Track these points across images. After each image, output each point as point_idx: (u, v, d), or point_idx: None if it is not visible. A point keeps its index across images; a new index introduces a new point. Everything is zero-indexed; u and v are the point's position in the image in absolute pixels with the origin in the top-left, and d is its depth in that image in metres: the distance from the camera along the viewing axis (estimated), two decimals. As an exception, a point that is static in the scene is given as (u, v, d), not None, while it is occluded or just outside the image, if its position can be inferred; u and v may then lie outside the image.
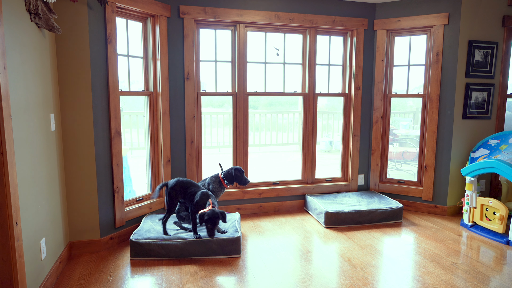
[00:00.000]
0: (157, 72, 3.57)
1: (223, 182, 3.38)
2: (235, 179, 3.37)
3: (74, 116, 2.90)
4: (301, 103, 4.33)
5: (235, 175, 3.35)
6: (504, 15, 3.91)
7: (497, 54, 3.96)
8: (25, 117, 2.15)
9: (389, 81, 4.31)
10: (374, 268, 2.85)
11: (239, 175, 3.36)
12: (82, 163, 2.96)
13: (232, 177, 3.36)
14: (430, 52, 4.03)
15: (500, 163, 3.31)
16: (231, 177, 3.36)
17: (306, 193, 4.27)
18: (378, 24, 4.20)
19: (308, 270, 2.81)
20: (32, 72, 2.29)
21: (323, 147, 7.50)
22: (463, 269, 2.83)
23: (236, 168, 3.39)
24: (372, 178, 4.44)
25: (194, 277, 2.68)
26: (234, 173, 3.35)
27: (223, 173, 3.40)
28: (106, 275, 2.71)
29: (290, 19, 3.93)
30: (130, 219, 3.36)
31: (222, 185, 3.38)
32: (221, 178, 3.38)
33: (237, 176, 3.36)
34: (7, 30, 1.93)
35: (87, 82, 2.90)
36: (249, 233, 3.54)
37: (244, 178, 3.38)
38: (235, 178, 3.36)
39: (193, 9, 3.62)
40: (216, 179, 3.39)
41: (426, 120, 4.11)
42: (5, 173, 1.86)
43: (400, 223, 3.83)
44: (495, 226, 3.44)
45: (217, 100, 7.47)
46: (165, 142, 3.65)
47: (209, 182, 3.39)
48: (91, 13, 2.87)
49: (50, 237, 2.55)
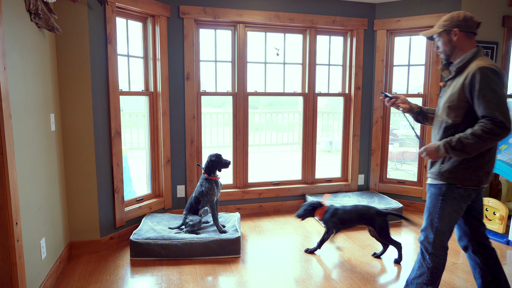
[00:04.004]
0: (157, 72, 3.57)
1: (209, 176, 3.22)
2: (215, 167, 3.21)
3: (74, 116, 2.90)
4: (301, 103, 4.33)
5: (213, 163, 3.19)
6: (504, 15, 3.91)
7: (497, 54, 3.96)
8: (25, 117, 2.15)
9: (389, 81, 4.31)
10: (374, 268, 2.85)
11: (217, 161, 3.19)
12: (82, 163, 2.96)
13: (211, 167, 3.20)
14: (430, 52, 4.03)
15: (500, 163, 3.31)
16: (211, 168, 3.20)
17: (306, 193, 4.27)
18: (378, 24, 4.20)
19: (308, 270, 2.81)
20: (32, 72, 2.29)
21: (323, 147, 7.50)
22: (463, 269, 2.83)
23: (210, 157, 3.21)
24: (372, 178, 4.44)
25: (194, 277, 2.68)
26: (211, 163, 3.19)
27: (203, 169, 3.25)
28: (106, 275, 2.71)
29: (290, 19, 3.93)
30: (130, 219, 3.36)
31: (211, 180, 3.20)
32: (206, 175, 3.22)
33: (215, 163, 3.19)
34: (7, 30, 1.93)
35: (87, 82, 2.90)
36: (249, 233, 3.54)
37: (223, 160, 3.21)
38: (215, 166, 3.20)
39: (193, 9, 3.62)
40: (203, 179, 3.23)
41: (426, 120, 4.11)
42: (5, 173, 1.86)
43: (400, 223, 3.83)
44: (495, 226, 3.44)
45: (217, 100, 7.47)
46: (165, 142, 3.65)
47: (201, 184, 3.24)
48: (91, 13, 2.87)
49: (50, 237, 2.55)
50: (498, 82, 1.82)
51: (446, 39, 2.01)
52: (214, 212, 3.18)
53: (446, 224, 2.00)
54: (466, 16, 1.97)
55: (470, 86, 1.86)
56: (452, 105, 1.94)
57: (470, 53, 1.96)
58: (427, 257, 2.05)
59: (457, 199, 1.96)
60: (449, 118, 1.96)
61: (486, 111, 1.80)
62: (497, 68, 1.85)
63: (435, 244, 2.02)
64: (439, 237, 2.01)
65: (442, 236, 2.01)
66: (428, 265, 2.05)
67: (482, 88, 1.81)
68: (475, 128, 1.82)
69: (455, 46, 2.00)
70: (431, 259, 2.04)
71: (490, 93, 1.80)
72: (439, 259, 2.04)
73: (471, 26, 1.97)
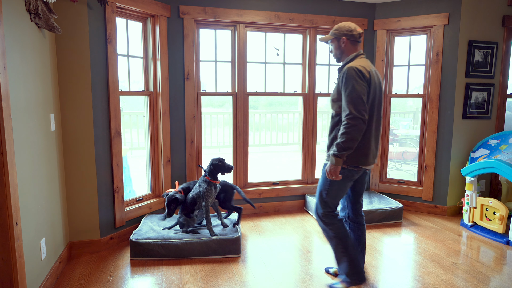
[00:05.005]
0: (157, 72, 3.57)
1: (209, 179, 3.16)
2: (217, 171, 3.16)
3: (74, 116, 2.90)
4: (301, 103, 4.33)
5: (215, 167, 3.14)
6: (504, 15, 3.91)
7: (497, 54, 3.96)
8: (25, 117, 2.15)
9: (389, 81, 4.31)
10: (374, 268, 2.85)
11: (220, 165, 3.14)
12: (82, 163, 2.96)
13: (214, 171, 3.15)
14: (430, 52, 4.03)
15: (500, 163, 3.31)
16: (214, 172, 3.16)
17: (306, 193, 4.27)
18: (378, 24, 4.20)
19: (308, 270, 2.81)
20: (32, 72, 2.29)
21: (323, 147, 7.49)
22: (463, 269, 2.83)
23: (213, 160, 3.16)
24: (372, 178, 4.44)
25: (194, 277, 2.68)
26: (213, 167, 3.14)
27: (205, 171, 3.20)
28: (106, 275, 2.71)
29: (290, 19, 3.93)
30: (130, 219, 3.36)
31: (211, 183, 3.15)
32: (207, 177, 3.16)
33: (218, 167, 3.14)
34: (7, 30, 1.93)
35: (87, 82, 2.90)
36: (249, 233, 3.54)
37: (226, 165, 3.16)
38: (217, 170, 3.15)
39: (193, 9, 3.62)
40: (203, 181, 3.18)
41: (426, 120, 4.11)
42: (5, 173, 1.86)
43: (400, 223, 3.83)
44: (495, 226, 3.44)
45: (217, 100, 7.48)
46: (165, 142, 3.65)
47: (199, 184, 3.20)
48: (91, 13, 2.87)
49: (50, 237, 2.55)
50: (358, 80, 2.19)
51: (337, 45, 2.42)
52: (207, 215, 3.10)
53: (332, 199, 2.40)
54: (351, 27, 2.37)
55: (340, 83, 2.29)
56: (334, 98, 2.35)
57: (351, 56, 2.38)
58: (327, 228, 2.45)
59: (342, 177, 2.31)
60: (333, 110, 2.38)
61: (344, 105, 2.22)
62: (363, 68, 2.23)
63: (324, 215, 2.43)
64: (327, 209, 2.42)
65: (329, 208, 2.42)
66: (331, 235, 2.44)
67: (344, 84, 2.23)
68: (340, 128, 2.23)
69: (343, 51, 2.41)
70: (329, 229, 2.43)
71: (349, 89, 2.20)
72: (335, 226, 2.42)
73: (355, 35, 2.37)
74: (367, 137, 2.31)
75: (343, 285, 2.49)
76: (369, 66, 2.30)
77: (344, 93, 2.22)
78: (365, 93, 2.20)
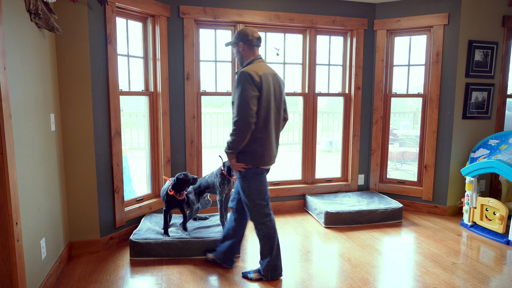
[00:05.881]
0: (157, 72, 3.57)
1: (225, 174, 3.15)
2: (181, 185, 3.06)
3: (74, 116, 2.90)
4: (301, 103, 4.33)
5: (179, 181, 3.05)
6: (504, 15, 3.91)
7: (497, 54, 3.96)
8: (25, 117, 2.15)
9: (389, 81, 4.31)
10: (374, 268, 2.86)
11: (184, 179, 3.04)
12: (82, 163, 2.96)
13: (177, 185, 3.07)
14: (430, 52, 4.03)
15: (500, 163, 3.31)
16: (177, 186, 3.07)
17: (306, 193, 4.27)
18: (378, 24, 4.20)
19: (308, 270, 2.81)
20: (32, 72, 2.29)
21: (323, 147, 7.50)
22: (463, 269, 2.83)
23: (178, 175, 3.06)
24: (372, 178, 4.45)
25: (194, 277, 2.68)
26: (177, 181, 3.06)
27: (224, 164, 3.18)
28: (106, 275, 2.71)
29: (290, 19, 3.93)
30: (130, 219, 3.36)
31: (225, 177, 3.15)
32: (222, 170, 3.16)
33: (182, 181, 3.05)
34: (7, 30, 1.93)
35: (87, 82, 2.90)
36: (249, 233, 3.54)
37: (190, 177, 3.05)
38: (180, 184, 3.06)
39: (193, 9, 3.62)
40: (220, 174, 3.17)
41: (426, 120, 4.11)
42: (5, 173, 1.86)
43: (400, 223, 3.83)
44: (495, 226, 3.44)
45: (217, 100, 7.47)
46: (165, 142, 3.65)
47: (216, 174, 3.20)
48: (91, 13, 2.87)
49: (50, 237, 2.55)
50: (247, 84, 2.30)
51: (237, 49, 2.53)
52: (221, 209, 3.17)
53: (257, 198, 2.50)
54: (247, 32, 2.47)
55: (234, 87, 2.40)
56: (233, 101, 2.43)
57: (248, 60, 2.47)
58: (259, 227, 2.53)
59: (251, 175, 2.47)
60: (233, 111, 2.45)
61: (232, 109, 2.39)
62: (254, 73, 2.32)
63: (260, 218, 2.52)
64: (259, 212, 2.52)
65: (261, 210, 2.52)
66: (262, 233, 2.53)
67: (235, 88, 2.36)
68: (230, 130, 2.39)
69: (242, 55, 2.52)
70: (260, 228, 2.53)
71: (238, 93, 2.33)
72: (266, 226, 2.52)
73: (251, 40, 2.47)
74: (265, 141, 2.43)
75: (256, 275, 2.63)
76: (263, 70, 2.38)
77: (234, 97, 2.37)
78: (253, 97, 2.31)
